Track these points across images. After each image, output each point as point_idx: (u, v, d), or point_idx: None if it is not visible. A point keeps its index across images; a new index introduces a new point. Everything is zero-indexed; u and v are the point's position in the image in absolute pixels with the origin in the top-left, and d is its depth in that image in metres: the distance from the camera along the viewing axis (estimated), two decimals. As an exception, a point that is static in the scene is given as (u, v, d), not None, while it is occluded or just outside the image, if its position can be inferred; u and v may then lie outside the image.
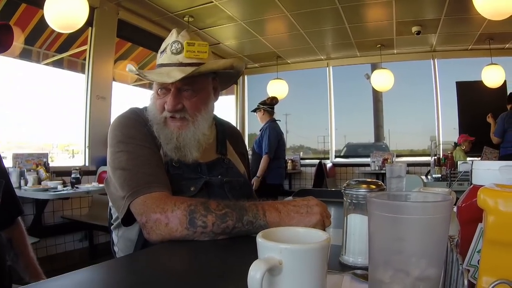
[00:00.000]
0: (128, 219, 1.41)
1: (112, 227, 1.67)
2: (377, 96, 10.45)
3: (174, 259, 1.19)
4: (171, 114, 1.56)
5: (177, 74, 1.49)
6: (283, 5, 5.91)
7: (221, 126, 1.86)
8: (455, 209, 0.71)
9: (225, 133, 1.86)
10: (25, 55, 5.73)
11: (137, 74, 1.64)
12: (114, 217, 1.63)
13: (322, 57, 8.92)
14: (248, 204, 1.33)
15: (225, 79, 1.80)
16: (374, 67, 8.73)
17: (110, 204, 1.64)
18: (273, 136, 5.95)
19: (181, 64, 1.55)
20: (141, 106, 1.70)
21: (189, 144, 1.57)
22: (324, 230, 1.20)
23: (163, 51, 1.61)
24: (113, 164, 1.49)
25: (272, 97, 6.36)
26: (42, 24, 4.98)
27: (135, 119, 1.59)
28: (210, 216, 1.27)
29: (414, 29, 6.83)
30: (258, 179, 5.93)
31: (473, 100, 8.07)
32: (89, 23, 5.25)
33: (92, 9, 5.19)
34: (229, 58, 1.69)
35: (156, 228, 1.30)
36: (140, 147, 1.50)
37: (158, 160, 1.53)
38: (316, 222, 1.28)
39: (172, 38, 1.60)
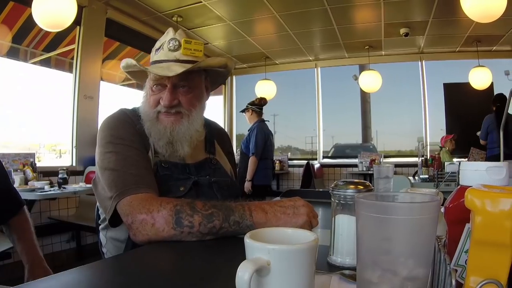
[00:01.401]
0: (115, 220, 1.41)
1: (100, 227, 1.66)
2: (365, 97, 10.48)
3: (162, 260, 1.19)
4: (165, 109, 1.57)
5: (177, 69, 1.51)
6: (272, 6, 5.92)
7: (208, 127, 1.86)
8: (442, 209, 0.71)
9: (213, 133, 1.88)
10: (12, 53, 5.68)
11: (127, 71, 1.70)
12: (102, 217, 1.63)
13: (311, 58, 8.95)
14: (234, 204, 1.33)
15: (214, 79, 1.81)
16: (362, 68, 8.77)
17: (98, 204, 1.64)
18: (261, 136, 5.94)
19: (178, 61, 1.57)
20: (130, 107, 1.70)
21: (182, 139, 1.59)
22: (311, 230, 1.21)
23: (159, 48, 1.62)
24: (102, 164, 1.49)
25: (260, 97, 6.37)
26: (29, 23, 4.93)
27: (125, 120, 1.59)
28: (197, 216, 1.27)
29: (402, 30, 6.88)
30: (250, 182, 5.92)
31: (460, 102, 8.15)
32: (77, 22, 5.22)
33: (80, 8, 5.16)
34: (222, 57, 1.70)
35: (142, 228, 1.29)
36: (128, 148, 1.49)
37: (146, 161, 1.53)
38: (303, 222, 1.29)
39: (169, 36, 1.62)
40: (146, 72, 1.67)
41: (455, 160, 6.59)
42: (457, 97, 8.21)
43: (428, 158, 6.58)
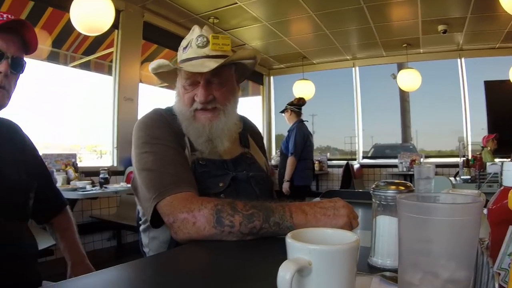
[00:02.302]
0: (156, 221, 1.42)
1: (141, 228, 1.69)
2: (404, 96, 10.34)
3: (201, 259, 1.20)
4: (202, 106, 1.58)
5: (210, 64, 1.52)
6: (307, 5, 5.89)
7: (242, 120, 1.87)
8: (485, 211, 0.70)
9: (246, 127, 1.89)
10: (52, 58, 5.84)
11: (156, 73, 1.72)
12: (143, 219, 1.65)
13: (348, 57, 8.86)
14: (275, 205, 1.33)
15: (241, 72, 1.81)
16: (401, 66, 8.63)
17: (138, 206, 1.67)
18: (300, 137, 5.90)
19: (208, 56, 1.58)
20: (164, 107, 1.72)
21: (221, 135, 1.60)
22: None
23: (186, 46, 1.64)
24: (139, 165, 1.51)
25: (299, 97, 6.33)
26: (68, 27, 5.07)
27: (159, 120, 1.61)
28: (237, 216, 1.27)
29: (440, 27, 6.72)
30: (288, 183, 5.91)
31: (502, 100, 7.89)
32: (115, 25, 5.32)
33: (117, 12, 5.26)
34: (251, 49, 1.72)
35: (183, 227, 1.30)
36: (165, 148, 1.51)
37: (183, 160, 1.54)
38: (343, 224, 1.27)
39: (195, 33, 1.63)
40: (175, 73, 1.71)
41: (497, 160, 6.40)
42: (499, 95, 7.96)
43: (470, 158, 6.42)
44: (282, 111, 6.32)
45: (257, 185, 1.68)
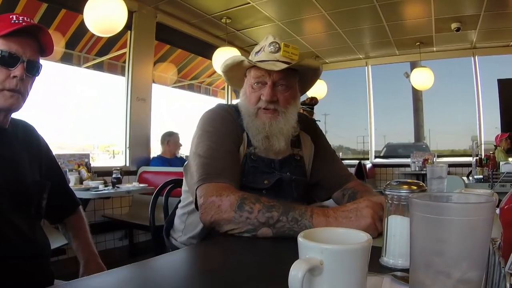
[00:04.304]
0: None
1: (179, 213, 1.87)
2: (417, 95, 10.28)
3: (213, 259, 1.21)
4: (265, 105, 1.69)
5: (281, 65, 1.66)
6: (320, 5, 5.87)
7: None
8: (497, 211, 0.69)
9: (303, 126, 1.92)
10: (66, 59, 5.88)
11: (225, 71, 1.84)
12: (185, 202, 1.82)
13: (361, 56, 8.82)
14: (298, 205, 1.36)
15: (303, 82, 1.88)
16: (414, 65, 8.56)
17: (185, 188, 1.84)
18: None
19: (278, 61, 1.69)
20: (228, 104, 1.84)
21: (278, 134, 1.70)
22: (376, 234, 1.19)
23: (259, 51, 1.76)
24: (195, 150, 1.65)
25: (312, 97, 6.30)
26: (82, 29, 5.10)
27: (224, 115, 1.75)
28: (258, 204, 1.34)
29: (454, 25, 6.65)
30: None
31: (516, 98, 7.79)
32: (128, 26, 5.34)
33: (130, 13, 5.29)
34: (316, 61, 1.82)
35: (209, 209, 1.41)
36: (221, 141, 1.65)
37: (235, 155, 1.67)
38: (365, 225, 1.23)
39: (269, 40, 1.76)
40: (241, 75, 1.83)
41: (510, 159, 6.33)
42: (513, 93, 7.86)
43: (483, 157, 6.36)
44: None
45: (297, 189, 1.77)
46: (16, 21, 1.33)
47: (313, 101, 6.16)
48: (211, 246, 1.30)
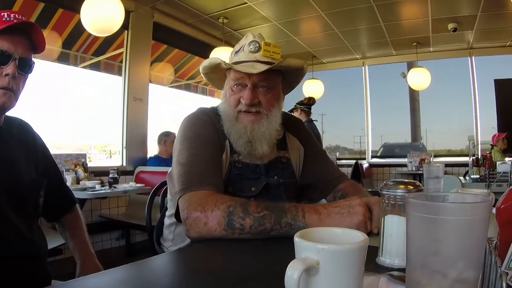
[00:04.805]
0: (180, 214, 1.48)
1: (167, 223, 1.81)
2: (413, 95, 10.29)
3: (211, 258, 1.21)
4: (246, 108, 1.63)
5: (260, 67, 1.58)
6: (317, 5, 5.87)
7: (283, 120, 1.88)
8: (494, 210, 0.69)
9: (287, 126, 1.88)
10: (63, 58, 5.86)
11: (205, 73, 1.80)
12: (170, 212, 1.75)
13: (358, 56, 8.82)
14: (288, 205, 1.34)
15: (288, 83, 1.83)
16: (410, 65, 8.58)
17: (169, 197, 1.78)
18: None
19: (259, 61, 1.62)
20: (208, 107, 1.79)
21: (261, 138, 1.64)
22: (366, 231, 1.19)
23: (239, 50, 1.69)
24: (177, 158, 1.59)
25: (309, 97, 6.31)
26: (78, 29, 5.08)
27: (205, 119, 1.69)
28: (248, 219, 1.29)
29: (450, 26, 6.67)
30: None
31: (512, 98, 7.81)
32: (125, 26, 5.32)
33: (127, 13, 5.29)
34: (299, 60, 1.75)
35: (195, 226, 1.34)
36: (202, 147, 1.58)
37: (217, 161, 1.60)
38: (358, 222, 1.26)
39: (248, 39, 1.68)
40: (223, 76, 1.76)
41: (507, 159, 6.33)
42: (509, 93, 7.86)
43: (479, 157, 6.37)
44: (292, 111, 6.30)
45: (286, 191, 1.72)
46: (8, 19, 1.32)
47: (310, 101, 6.16)
48: (208, 246, 1.30)
